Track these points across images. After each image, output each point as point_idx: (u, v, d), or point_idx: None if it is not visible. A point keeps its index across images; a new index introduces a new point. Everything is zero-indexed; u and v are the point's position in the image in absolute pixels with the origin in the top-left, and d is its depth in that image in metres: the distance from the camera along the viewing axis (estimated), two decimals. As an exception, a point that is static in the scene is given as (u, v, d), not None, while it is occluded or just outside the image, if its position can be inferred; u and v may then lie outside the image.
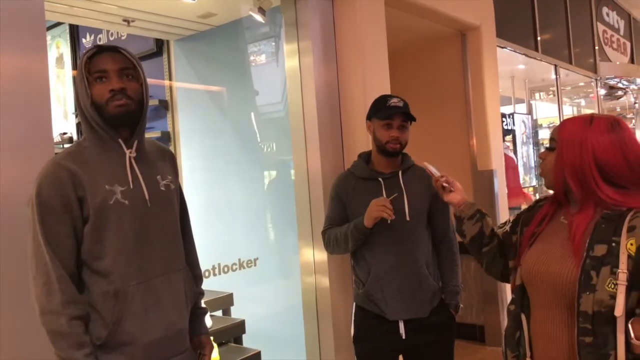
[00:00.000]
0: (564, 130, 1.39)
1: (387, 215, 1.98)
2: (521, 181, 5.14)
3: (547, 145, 1.47)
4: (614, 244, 1.25)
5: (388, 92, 2.75)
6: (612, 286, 1.22)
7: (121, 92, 1.40)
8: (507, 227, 1.60)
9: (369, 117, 2.22)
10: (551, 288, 1.34)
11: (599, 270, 1.24)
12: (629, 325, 1.21)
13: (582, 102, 8.27)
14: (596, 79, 6.97)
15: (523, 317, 1.42)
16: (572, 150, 1.34)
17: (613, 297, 1.21)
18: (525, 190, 4.94)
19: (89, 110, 1.41)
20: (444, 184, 1.72)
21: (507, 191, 4.20)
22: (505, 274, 1.60)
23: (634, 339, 1.21)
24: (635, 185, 1.31)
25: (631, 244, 1.22)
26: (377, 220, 2.02)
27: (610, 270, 1.23)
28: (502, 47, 4.60)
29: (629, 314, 1.23)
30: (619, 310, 1.20)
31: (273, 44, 3.35)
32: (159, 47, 3.59)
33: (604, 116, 1.38)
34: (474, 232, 1.61)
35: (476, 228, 1.61)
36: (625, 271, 1.21)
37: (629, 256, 1.22)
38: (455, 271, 2.21)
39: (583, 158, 1.31)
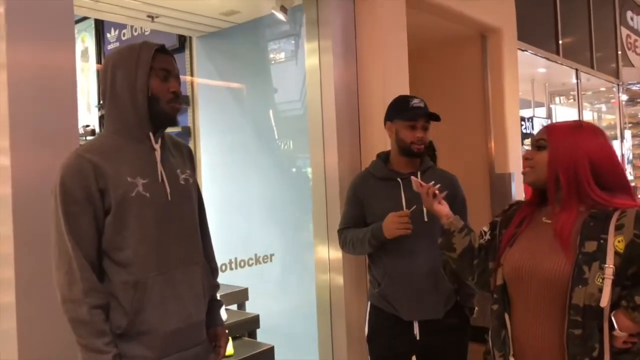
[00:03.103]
0: (555, 132, 1.46)
1: (405, 232, 2.00)
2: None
3: (529, 148, 1.53)
4: (602, 241, 1.32)
5: (407, 93, 2.75)
6: (600, 280, 1.30)
7: (179, 97, 1.50)
8: (487, 235, 1.63)
9: (391, 119, 2.21)
10: (540, 284, 1.39)
11: (590, 265, 1.31)
12: (612, 317, 1.30)
13: (603, 107, 8.16)
14: (618, 84, 6.88)
15: (506, 316, 1.47)
16: (566, 150, 1.41)
17: (601, 290, 1.29)
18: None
19: (141, 101, 1.44)
20: (436, 192, 1.76)
21: (524, 195, 4.17)
22: None
23: (617, 330, 1.29)
24: (616, 188, 1.40)
25: (619, 241, 1.31)
26: (396, 236, 2.03)
27: (599, 265, 1.31)
28: (523, 50, 4.56)
29: (613, 308, 1.31)
30: (604, 301, 1.28)
31: (293, 42, 3.36)
32: (182, 43, 3.63)
33: (590, 123, 1.51)
34: (465, 244, 1.64)
35: (466, 241, 1.65)
36: (612, 266, 1.29)
37: (616, 253, 1.30)
38: (470, 273, 2.21)
39: (577, 158, 1.39)
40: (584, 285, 1.30)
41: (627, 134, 7.49)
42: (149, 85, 1.44)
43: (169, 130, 1.61)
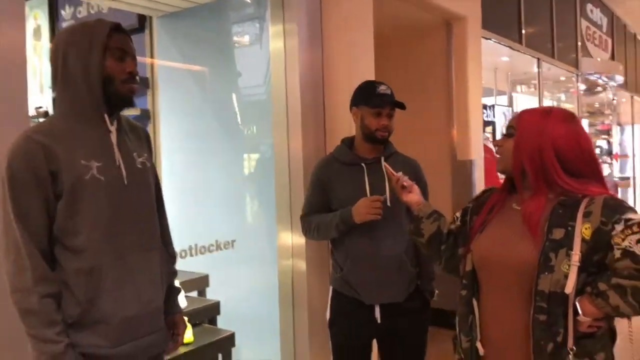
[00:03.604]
0: (523, 119, 1.46)
1: (376, 217, 2.01)
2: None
3: (505, 133, 1.52)
4: (569, 228, 1.33)
5: (373, 78, 2.73)
6: (567, 267, 1.30)
7: (135, 77, 1.45)
8: (458, 221, 1.64)
9: (356, 104, 2.20)
10: (508, 270, 1.40)
11: (557, 252, 1.32)
12: (577, 303, 1.31)
13: (562, 96, 8.36)
14: (577, 74, 7.05)
15: (474, 302, 1.48)
16: (532, 137, 1.40)
17: (567, 277, 1.30)
18: (501, 180, 4.99)
19: (95, 81, 1.38)
20: (404, 184, 1.76)
21: (484, 181, 4.24)
22: None
23: (581, 315, 1.31)
24: (586, 175, 1.40)
25: (586, 229, 1.31)
26: (367, 220, 2.03)
27: (565, 252, 1.31)
28: (487, 39, 4.61)
29: (578, 294, 1.32)
30: (569, 287, 1.29)
31: (258, 25, 3.30)
32: (141, 23, 3.51)
33: (561, 109, 1.48)
34: (432, 230, 1.65)
35: (434, 227, 1.65)
36: (579, 253, 1.30)
37: (583, 240, 1.31)
38: (431, 259, 2.23)
39: (542, 145, 1.38)
40: (550, 272, 1.31)
41: (584, 123, 7.70)
42: (104, 66, 1.39)
43: (128, 113, 1.55)
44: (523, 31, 5.41)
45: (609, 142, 8.94)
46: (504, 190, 1.54)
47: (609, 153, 8.73)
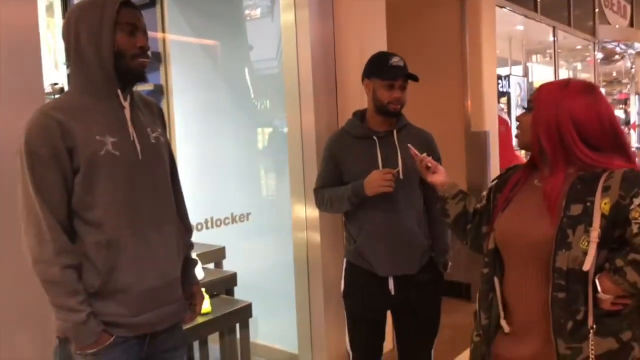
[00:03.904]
0: (541, 93, 1.42)
1: (388, 189, 2.01)
2: (514, 144, 5.15)
3: (525, 107, 1.49)
4: (588, 204, 1.29)
5: (385, 50, 2.71)
6: (586, 244, 1.27)
7: (146, 51, 1.45)
8: (484, 200, 1.63)
9: (368, 76, 2.18)
10: (527, 247, 1.37)
11: (574, 229, 1.29)
12: (596, 280, 1.27)
13: (579, 65, 8.21)
14: (594, 42, 6.91)
15: (496, 280, 1.46)
16: (548, 109, 1.37)
17: (586, 253, 1.26)
18: (517, 153, 4.96)
19: (106, 57, 1.39)
20: (428, 164, 1.75)
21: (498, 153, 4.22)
22: None
23: (601, 293, 1.27)
24: (608, 148, 1.35)
25: (605, 203, 1.27)
26: (379, 193, 2.04)
27: (584, 229, 1.28)
28: (501, 7, 4.53)
29: (598, 272, 1.28)
30: (587, 264, 1.26)
31: (269, -4, 3.27)
32: (152, -2, 3.50)
33: (580, 80, 1.43)
34: (458, 210, 1.65)
35: (460, 207, 1.65)
36: (598, 229, 1.26)
37: (603, 215, 1.27)
38: (444, 230, 2.24)
39: (560, 118, 1.34)
40: (568, 249, 1.28)
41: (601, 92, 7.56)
42: (115, 41, 1.40)
43: (141, 88, 1.57)
44: (538, -1, 5.30)
45: (626, 112, 8.80)
46: (527, 167, 1.51)
47: (627, 123, 8.60)
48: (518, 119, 1.49)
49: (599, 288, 1.27)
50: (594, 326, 1.28)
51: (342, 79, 2.84)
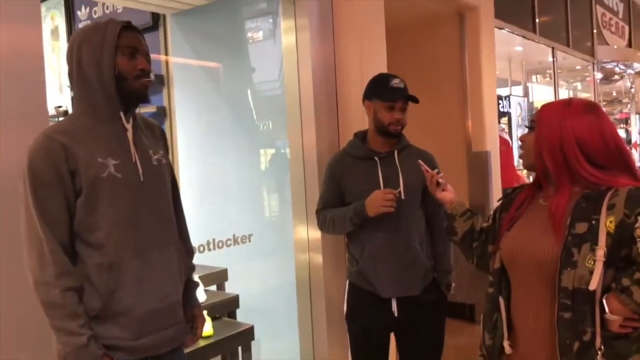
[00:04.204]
0: (543, 112, 1.43)
1: (389, 210, 2.01)
2: (515, 163, 5.16)
3: (527, 126, 1.50)
4: (594, 222, 1.28)
5: (385, 71, 2.73)
6: (592, 262, 1.26)
7: (148, 74, 1.47)
8: (490, 220, 1.63)
9: (369, 97, 2.21)
10: (533, 266, 1.37)
11: (580, 247, 1.28)
12: (604, 300, 1.25)
13: (579, 85, 8.26)
14: (593, 63, 6.96)
15: (501, 299, 1.45)
16: (551, 129, 1.37)
17: (592, 272, 1.25)
18: (519, 173, 4.96)
19: (109, 80, 1.41)
20: (440, 180, 1.77)
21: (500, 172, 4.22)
22: None
23: (608, 314, 1.25)
24: (613, 166, 1.35)
25: (610, 222, 1.26)
26: (380, 213, 2.03)
27: (590, 247, 1.27)
28: (500, 28, 4.57)
29: (606, 292, 1.27)
30: (594, 284, 1.24)
31: (270, 20, 3.31)
32: (155, 21, 3.54)
33: (582, 99, 1.44)
34: (466, 228, 1.65)
35: (467, 225, 1.65)
36: (604, 247, 1.25)
37: (608, 233, 1.26)
38: (447, 250, 2.23)
39: (563, 137, 1.35)
40: (573, 268, 1.27)
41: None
42: (116, 64, 1.42)
43: (144, 111, 1.58)
44: (537, 20, 5.35)
45: (627, 131, 8.82)
46: (533, 186, 1.51)
47: (628, 142, 8.61)
48: (521, 139, 1.50)
49: (606, 309, 1.25)
50: (602, 348, 1.26)
51: (343, 100, 2.86)
